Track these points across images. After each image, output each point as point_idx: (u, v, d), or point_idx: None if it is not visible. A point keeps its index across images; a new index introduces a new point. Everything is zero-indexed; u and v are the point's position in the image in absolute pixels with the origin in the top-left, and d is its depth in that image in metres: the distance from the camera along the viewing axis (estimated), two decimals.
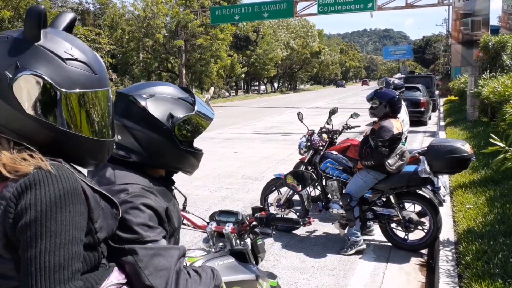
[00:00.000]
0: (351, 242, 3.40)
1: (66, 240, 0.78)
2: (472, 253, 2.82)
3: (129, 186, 1.06)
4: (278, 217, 1.48)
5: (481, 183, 4.66)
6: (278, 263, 3.30)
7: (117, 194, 1.04)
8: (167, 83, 1.22)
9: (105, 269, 0.95)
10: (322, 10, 19.05)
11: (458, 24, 12.81)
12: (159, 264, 0.99)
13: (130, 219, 1.00)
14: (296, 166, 4.69)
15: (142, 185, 1.08)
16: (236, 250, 1.47)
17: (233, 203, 4.92)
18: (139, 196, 1.04)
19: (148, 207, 1.04)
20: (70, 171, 0.84)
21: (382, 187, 3.42)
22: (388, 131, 3.28)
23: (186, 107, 1.17)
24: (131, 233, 0.99)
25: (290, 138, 10.18)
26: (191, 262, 1.33)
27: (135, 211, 1.02)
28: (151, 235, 1.01)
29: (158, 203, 1.07)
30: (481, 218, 3.52)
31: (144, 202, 1.04)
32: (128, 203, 1.02)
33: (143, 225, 1.01)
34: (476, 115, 11.40)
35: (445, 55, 39.06)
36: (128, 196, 1.04)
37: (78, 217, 0.81)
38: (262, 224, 1.45)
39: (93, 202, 0.88)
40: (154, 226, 1.03)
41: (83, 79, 0.86)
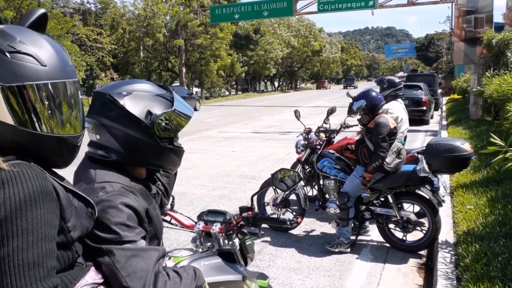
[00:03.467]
0: (339, 241, 3.36)
1: (39, 237, 0.78)
2: (471, 255, 2.75)
3: (108, 185, 1.04)
4: (264, 217, 1.45)
5: (482, 183, 4.58)
6: (273, 263, 3.24)
7: (96, 193, 1.02)
8: (145, 81, 1.19)
9: (81, 268, 0.94)
10: (323, 8, 18.95)
11: (461, 22, 12.67)
12: (137, 266, 0.96)
13: (108, 218, 0.98)
14: (294, 165, 4.62)
15: (122, 184, 1.06)
16: (224, 250, 1.45)
17: (230, 202, 4.87)
18: (118, 195, 1.02)
19: (127, 206, 1.01)
20: (39, 170, 0.82)
21: (380, 187, 3.35)
22: (385, 126, 3.23)
23: (164, 104, 1.14)
24: (109, 233, 0.97)
25: (289, 137, 10.11)
26: (176, 262, 1.30)
27: (113, 210, 0.99)
28: (129, 235, 0.98)
29: (138, 203, 1.05)
30: (481, 219, 3.44)
31: (123, 201, 1.01)
32: (106, 201, 1.00)
33: (121, 225, 0.98)
34: (479, 114, 11.25)
35: (448, 53, 38.81)
36: (107, 194, 1.01)
37: (50, 214, 0.80)
38: (249, 224, 1.42)
39: (65, 201, 0.86)
40: (133, 226, 1.00)
41: (29, 72, 0.82)
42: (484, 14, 12.37)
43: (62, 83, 0.88)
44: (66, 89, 0.89)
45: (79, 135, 0.93)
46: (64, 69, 0.88)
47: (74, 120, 0.91)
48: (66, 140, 0.90)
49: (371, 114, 3.35)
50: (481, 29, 12.10)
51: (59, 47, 0.91)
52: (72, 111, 0.91)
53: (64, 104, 0.88)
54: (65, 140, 0.90)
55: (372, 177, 3.28)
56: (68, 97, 0.89)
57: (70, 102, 0.90)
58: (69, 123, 0.90)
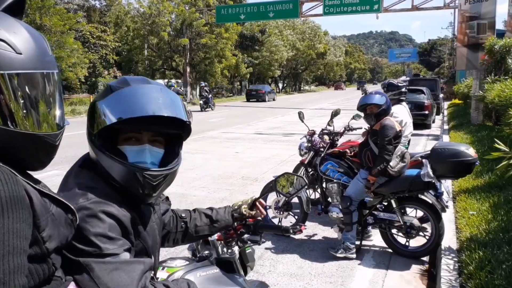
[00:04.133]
0: (344, 246, 3.32)
1: (5, 251, 0.67)
2: (475, 262, 2.72)
3: (90, 191, 0.94)
4: (266, 224, 1.40)
5: (484, 189, 4.55)
6: (274, 269, 3.21)
7: (76, 199, 0.93)
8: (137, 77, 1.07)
9: (60, 283, 0.84)
10: (328, 11, 18.97)
11: (464, 27, 12.67)
12: (119, 280, 0.87)
13: (87, 228, 0.89)
14: (296, 167, 4.60)
15: (105, 190, 0.97)
16: (223, 259, 1.38)
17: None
18: (99, 203, 0.92)
19: (108, 215, 0.92)
20: (8, 172, 0.71)
21: (384, 191, 3.32)
22: (391, 129, 3.21)
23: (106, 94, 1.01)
24: (88, 245, 0.88)
25: (292, 139, 10.08)
26: (170, 273, 1.23)
27: (93, 219, 0.90)
28: (110, 248, 0.89)
29: (122, 212, 0.95)
30: (484, 225, 3.41)
31: (104, 209, 0.92)
32: (86, 209, 0.91)
33: (101, 236, 0.89)
34: (480, 119, 11.26)
35: (450, 59, 38.80)
36: (88, 201, 0.92)
37: (20, 223, 0.70)
38: (250, 232, 1.36)
39: (40, 207, 0.76)
40: (114, 238, 0.91)
41: (1, 60, 0.72)
42: (487, 20, 12.35)
43: (39, 74, 0.77)
44: (44, 81, 0.78)
45: (57, 133, 0.82)
46: (42, 58, 0.78)
47: (53, 116, 0.81)
48: (42, 139, 0.79)
49: (381, 116, 3.31)
50: (483, 35, 12.07)
51: (38, 35, 0.80)
52: (50, 106, 0.80)
53: (41, 98, 0.78)
54: (41, 139, 0.79)
55: (376, 180, 3.26)
56: (45, 90, 0.79)
57: (48, 96, 0.79)
58: (46, 119, 0.79)
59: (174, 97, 1.04)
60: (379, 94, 3.40)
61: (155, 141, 1.05)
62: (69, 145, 7.20)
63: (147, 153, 1.03)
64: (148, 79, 1.07)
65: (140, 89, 0.99)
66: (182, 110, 1.03)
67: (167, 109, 0.98)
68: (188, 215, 1.37)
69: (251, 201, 1.39)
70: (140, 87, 1.00)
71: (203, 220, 1.37)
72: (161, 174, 1.00)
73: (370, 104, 3.33)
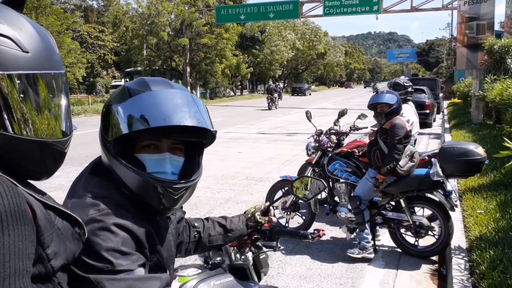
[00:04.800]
0: (361, 246, 3.28)
1: (6, 273, 0.60)
2: (486, 262, 2.70)
3: (102, 201, 0.87)
4: (283, 230, 1.32)
5: (490, 187, 4.54)
6: (283, 270, 3.18)
7: (86, 210, 0.86)
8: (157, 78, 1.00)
9: None
10: (328, 11, 18.98)
11: (464, 28, 12.73)
12: None
13: (99, 242, 0.81)
14: (303, 167, 4.59)
15: (119, 200, 0.90)
16: (236, 266, 1.33)
17: (236, 206, 4.82)
18: (112, 214, 0.85)
19: (122, 228, 0.85)
20: (9, 183, 0.64)
21: (392, 190, 3.31)
22: (402, 128, 3.19)
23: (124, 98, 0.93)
24: (99, 261, 0.80)
25: (295, 139, 10.07)
26: (183, 283, 1.18)
27: (105, 232, 0.83)
28: (123, 264, 0.81)
29: (137, 224, 0.88)
30: (493, 224, 3.40)
31: (117, 222, 0.85)
32: (97, 222, 0.83)
33: (114, 251, 0.82)
34: (480, 118, 11.34)
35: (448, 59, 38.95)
36: (99, 213, 0.85)
37: (23, 241, 0.63)
38: (265, 237, 1.30)
39: (44, 221, 0.69)
40: (128, 252, 0.83)
41: (6, 59, 0.65)
42: (486, 21, 12.43)
43: (47, 75, 0.70)
44: (53, 83, 0.71)
45: (66, 139, 0.75)
46: (50, 57, 0.71)
47: (61, 121, 0.73)
48: (50, 146, 0.72)
49: (391, 115, 3.30)
50: (482, 35, 12.14)
51: (44, 31, 0.73)
52: (58, 110, 0.73)
53: (49, 101, 0.71)
54: (50, 146, 0.71)
55: (385, 179, 3.24)
56: (54, 92, 0.72)
57: (57, 99, 0.73)
58: (54, 125, 0.72)
59: (199, 103, 0.96)
60: (390, 93, 3.39)
61: (175, 149, 0.98)
62: None
63: (167, 162, 0.95)
64: (169, 81, 0.98)
65: (163, 95, 0.91)
66: (207, 118, 0.95)
67: (193, 118, 0.90)
68: (201, 224, 1.30)
69: (264, 208, 1.34)
70: (163, 92, 0.91)
71: (217, 229, 1.30)
72: (184, 187, 0.93)
73: (381, 103, 3.31)
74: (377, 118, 3.39)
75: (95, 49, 29.22)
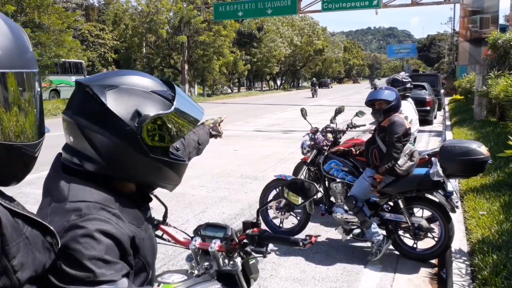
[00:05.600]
0: (376, 243, 3.10)
1: None
2: (489, 267, 2.56)
3: (83, 205, 0.81)
4: (272, 235, 1.24)
5: (494, 187, 4.40)
6: (276, 273, 3.05)
7: (67, 215, 0.79)
8: (142, 73, 0.96)
9: None
10: (327, 7, 18.77)
11: (466, 22, 12.51)
12: None
13: (80, 250, 0.75)
14: (298, 166, 4.45)
15: (102, 203, 0.83)
16: (224, 271, 1.26)
17: (230, 205, 4.69)
18: (95, 220, 0.79)
19: (106, 235, 0.79)
20: None
21: (390, 191, 3.17)
22: (401, 126, 3.05)
23: (161, 103, 0.90)
24: (81, 270, 0.75)
25: (292, 136, 9.93)
26: None
27: (87, 239, 0.77)
28: (107, 273, 0.76)
29: (122, 230, 0.82)
30: (496, 227, 3.26)
31: (100, 228, 0.79)
32: (79, 228, 0.77)
33: (97, 259, 0.76)
34: (483, 115, 11.15)
35: (450, 54, 38.70)
36: (80, 219, 0.79)
37: None
38: (254, 243, 1.23)
39: (11, 230, 0.63)
40: (112, 261, 0.78)
41: None
42: (490, 15, 12.22)
43: (19, 74, 0.66)
44: (24, 83, 0.67)
45: (37, 143, 0.71)
46: (22, 55, 0.67)
47: (32, 123, 0.69)
48: (19, 150, 0.68)
49: (390, 112, 3.15)
50: (486, 29, 11.94)
51: (16, 26, 0.70)
52: (30, 112, 0.69)
53: (19, 102, 0.67)
54: (19, 150, 0.68)
55: (383, 179, 3.10)
56: (25, 93, 0.68)
57: (28, 100, 0.68)
58: (24, 126, 0.68)
59: None
60: (389, 90, 3.23)
61: None
62: None
63: None
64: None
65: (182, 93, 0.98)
66: None
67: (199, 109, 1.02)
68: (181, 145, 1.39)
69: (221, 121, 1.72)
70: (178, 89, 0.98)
71: (192, 145, 1.46)
72: None
73: (379, 99, 3.16)
74: (375, 115, 3.24)
75: (96, 47, 29.09)
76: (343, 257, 3.29)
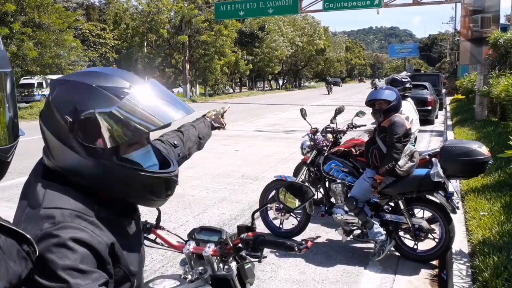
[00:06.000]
0: (379, 243, 3.08)
1: None
2: (490, 269, 2.55)
3: (57, 212, 0.78)
4: (267, 239, 1.21)
5: (495, 188, 4.37)
6: (275, 274, 3.04)
7: (40, 223, 0.76)
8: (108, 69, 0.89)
9: None
10: (328, 6, 18.72)
11: (467, 21, 12.45)
12: None
13: (54, 260, 0.72)
14: (298, 166, 4.43)
15: (78, 211, 0.80)
16: (219, 276, 1.23)
17: (230, 205, 4.68)
18: (69, 228, 0.76)
19: (80, 243, 0.75)
20: None
21: (391, 192, 3.15)
22: (401, 126, 3.02)
23: (105, 100, 0.81)
24: (55, 281, 0.71)
25: (293, 136, 9.91)
26: None
27: (61, 249, 0.73)
28: (82, 283, 0.73)
29: (98, 238, 0.79)
30: (497, 227, 3.24)
31: (75, 237, 0.75)
32: (53, 237, 0.74)
33: (71, 269, 0.72)
34: (485, 114, 11.11)
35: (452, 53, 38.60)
36: (54, 226, 0.75)
37: None
38: (249, 248, 1.20)
39: None
40: (88, 271, 0.74)
41: None
42: (491, 14, 12.16)
43: None
44: None
45: (9, 147, 0.67)
46: None
47: (3, 125, 0.66)
48: None
49: (390, 112, 3.13)
50: (487, 29, 11.89)
51: None
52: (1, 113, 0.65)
53: None
54: None
55: (383, 180, 3.08)
56: None
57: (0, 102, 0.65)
58: None
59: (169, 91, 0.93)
60: (389, 89, 3.21)
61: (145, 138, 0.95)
62: None
63: (151, 153, 0.93)
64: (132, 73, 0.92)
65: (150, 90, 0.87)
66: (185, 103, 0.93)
67: (183, 108, 0.89)
68: (180, 142, 1.36)
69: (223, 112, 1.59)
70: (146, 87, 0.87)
71: (192, 139, 1.40)
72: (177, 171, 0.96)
73: (379, 99, 3.14)
74: (375, 115, 3.22)
75: (97, 47, 29.12)
76: (343, 258, 3.27)
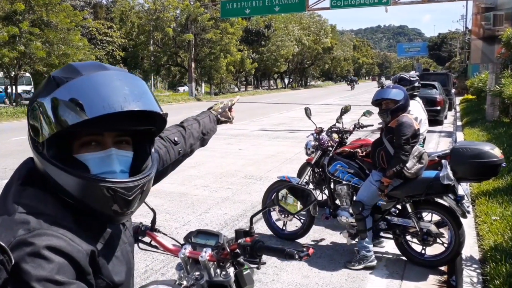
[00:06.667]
0: (361, 256, 3.04)
1: None
2: (502, 276, 2.43)
3: (33, 218, 0.71)
4: (266, 246, 1.13)
5: (507, 191, 4.22)
6: (278, 278, 2.95)
7: (15, 229, 0.70)
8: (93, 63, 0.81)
9: None
10: (335, 4, 18.56)
11: (479, 19, 12.18)
12: None
13: (28, 270, 0.66)
14: (303, 167, 4.33)
15: (55, 216, 0.73)
16: (216, 282, 1.17)
17: (233, 205, 4.60)
18: (45, 235, 0.70)
19: (57, 252, 0.69)
20: None
21: (398, 194, 3.04)
22: (410, 127, 2.90)
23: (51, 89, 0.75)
24: None
25: (298, 136, 9.79)
26: None
27: (35, 258, 0.67)
28: None
29: (77, 247, 0.72)
30: (510, 233, 3.11)
31: (51, 245, 0.69)
32: (27, 245, 0.68)
33: (46, 281, 0.66)
34: (496, 115, 10.86)
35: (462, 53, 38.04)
36: (29, 233, 0.69)
37: None
38: (246, 254, 1.13)
39: None
40: (65, 282, 0.68)
41: None
42: (504, 11, 11.86)
43: None
44: None
45: None
46: None
47: None
48: None
49: (397, 112, 3.02)
50: (500, 26, 11.60)
51: None
52: None
53: None
54: None
55: (390, 182, 2.97)
56: None
57: None
58: None
59: (141, 84, 0.82)
60: (397, 88, 3.09)
61: (121, 142, 0.82)
62: None
63: (114, 159, 0.80)
64: (103, 64, 0.82)
65: (97, 78, 0.76)
66: (154, 100, 0.82)
67: (137, 101, 0.76)
68: (181, 138, 1.26)
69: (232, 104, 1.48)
70: (97, 75, 0.76)
71: (195, 135, 1.32)
72: (138, 185, 0.79)
73: (386, 99, 3.03)
74: (382, 115, 3.11)
75: (104, 45, 29.27)
76: (346, 261, 3.16)
